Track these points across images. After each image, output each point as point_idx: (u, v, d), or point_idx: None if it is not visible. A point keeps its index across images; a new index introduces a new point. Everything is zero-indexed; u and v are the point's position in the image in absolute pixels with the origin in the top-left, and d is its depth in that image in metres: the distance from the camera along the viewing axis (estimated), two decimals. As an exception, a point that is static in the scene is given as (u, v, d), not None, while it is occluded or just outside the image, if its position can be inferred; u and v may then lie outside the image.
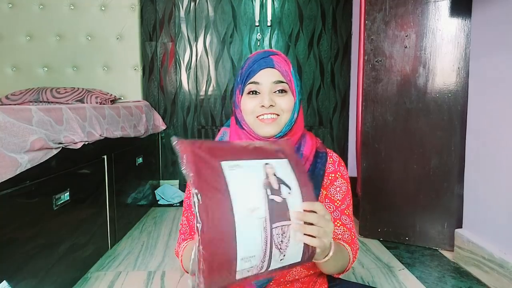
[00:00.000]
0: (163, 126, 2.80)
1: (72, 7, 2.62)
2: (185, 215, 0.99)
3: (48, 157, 1.24)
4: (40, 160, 1.19)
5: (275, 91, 0.88)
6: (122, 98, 2.70)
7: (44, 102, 2.31)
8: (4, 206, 1.06)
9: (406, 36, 1.82)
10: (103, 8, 2.63)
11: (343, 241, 0.92)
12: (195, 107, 2.89)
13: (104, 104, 2.18)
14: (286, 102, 0.88)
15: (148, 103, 2.66)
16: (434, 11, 1.75)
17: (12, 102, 2.30)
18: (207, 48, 2.84)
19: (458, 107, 1.73)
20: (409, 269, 1.62)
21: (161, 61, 2.84)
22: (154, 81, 2.85)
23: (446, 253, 1.78)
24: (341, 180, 0.96)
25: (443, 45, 1.75)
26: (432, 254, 1.78)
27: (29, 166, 1.12)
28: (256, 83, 0.88)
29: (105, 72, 2.68)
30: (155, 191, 2.70)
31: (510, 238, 1.40)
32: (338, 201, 0.95)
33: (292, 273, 0.95)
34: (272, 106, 0.87)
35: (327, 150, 0.98)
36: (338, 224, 0.94)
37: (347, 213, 0.96)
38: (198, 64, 2.85)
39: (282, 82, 0.88)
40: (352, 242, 0.94)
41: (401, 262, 1.69)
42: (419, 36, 1.79)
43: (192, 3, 2.80)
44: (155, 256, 1.77)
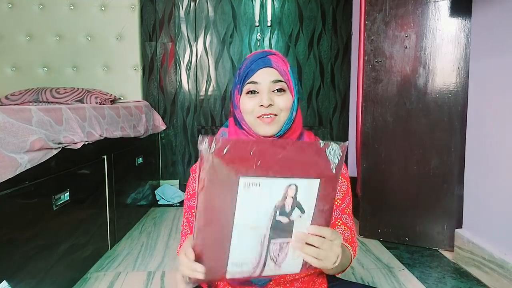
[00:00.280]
0: (163, 126, 2.80)
1: (72, 7, 2.62)
2: (186, 217, 0.98)
3: (48, 157, 1.23)
4: (40, 160, 1.18)
5: (274, 90, 0.88)
6: (122, 98, 2.70)
7: (44, 102, 2.31)
8: (4, 206, 1.05)
9: (406, 37, 1.82)
10: (103, 8, 2.62)
11: (345, 241, 0.93)
12: (195, 107, 2.89)
13: (104, 104, 2.18)
14: (285, 101, 0.88)
15: (148, 103, 2.66)
16: (434, 12, 1.75)
17: (12, 102, 2.30)
18: (207, 48, 2.84)
19: (458, 108, 1.73)
20: (409, 270, 1.62)
21: (161, 61, 2.84)
22: (154, 81, 2.85)
23: (446, 254, 1.78)
24: (341, 179, 0.96)
25: (443, 45, 1.75)
26: (432, 255, 1.78)
27: (29, 166, 1.12)
28: (255, 83, 0.88)
29: (105, 72, 2.68)
30: (155, 191, 2.70)
31: (510, 239, 1.40)
32: (339, 200, 0.95)
33: (292, 274, 0.95)
34: (271, 106, 0.87)
35: None
36: (339, 223, 0.95)
37: (347, 212, 0.96)
38: (198, 64, 2.85)
39: (281, 81, 0.88)
40: (352, 241, 0.95)
41: (401, 263, 1.69)
42: (419, 37, 1.79)
43: (192, 3, 2.80)
44: (155, 257, 1.77)
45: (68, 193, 1.40)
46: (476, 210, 1.61)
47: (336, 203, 0.95)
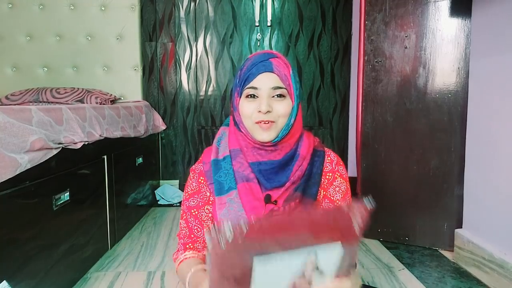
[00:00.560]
0: (163, 126, 2.80)
1: (72, 7, 2.62)
2: (184, 218, 0.97)
3: (48, 157, 1.24)
4: (40, 160, 1.19)
5: (273, 96, 0.88)
6: (122, 98, 2.70)
7: (44, 102, 2.31)
8: (4, 206, 1.05)
9: (406, 37, 1.82)
10: (103, 8, 2.62)
11: None
12: (195, 108, 2.89)
13: (104, 104, 2.18)
14: (284, 107, 0.88)
15: (148, 103, 2.66)
16: (434, 12, 1.75)
17: (12, 102, 2.30)
18: (207, 48, 2.84)
19: (458, 108, 1.73)
20: (409, 269, 1.62)
21: (161, 61, 2.84)
22: (154, 81, 2.85)
23: (446, 253, 1.78)
24: (340, 180, 0.96)
25: (443, 45, 1.75)
26: (432, 254, 1.78)
27: (29, 166, 1.12)
28: (254, 88, 0.87)
29: (105, 72, 2.68)
30: (155, 191, 2.70)
31: (510, 239, 1.40)
32: (338, 201, 0.95)
33: None
34: (270, 112, 0.86)
35: (325, 149, 0.98)
36: None
37: None
38: (198, 64, 2.85)
39: (281, 88, 0.87)
40: None
41: (401, 262, 1.69)
42: (419, 37, 1.79)
43: (192, 3, 2.80)
44: (155, 257, 1.77)
45: (68, 193, 1.40)
46: (476, 210, 1.61)
47: (336, 204, 0.95)
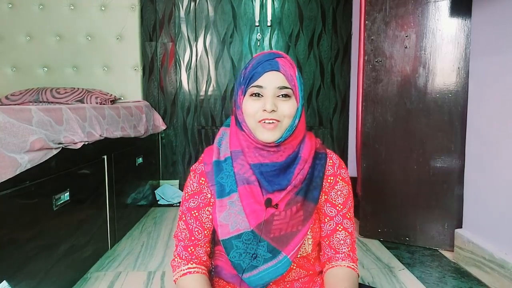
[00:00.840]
0: (163, 126, 2.80)
1: (72, 7, 2.62)
2: (184, 219, 0.96)
3: (48, 157, 1.23)
4: (40, 160, 1.18)
5: (278, 95, 0.86)
6: (122, 98, 2.70)
7: (44, 102, 2.31)
8: (4, 206, 1.05)
9: (406, 37, 1.82)
10: (103, 8, 2.62)
11: (346, 248, 0.94)
12: (195, 107, 2.89)
13: (104, 104, 2.18)
14: (289, 108, 0.86)
15: (148, 103, 2.66)
16: (434, 11, 1.75)
17: (12, 102, 2.30)
18: (207, 48, 2.84)
19: (458, 108, 1.73)
20: (410, 270, 1.62)
21: (161, 61, 2.84)
22: (154, 81, 2.85)
23: (447, 253, 1.77)
24: (342, 183, 0.95)
25: (443, 45, 1.75)
26: (433, 254, 1.78)
27: (29, 166, 1.12)
28: (260, 87, 0.86)
29: (105, 72, 2.68)
30: (155, 191, 2.70)
31: (511, 238, 1.40)
32: (340, 205, 0.95)
33: (291, 275, 0.94)
34: (274, 111, 0.85)
35: (327, 151, 0.97)
36: (340, 229, 0.94)
37: (349, 217, 0.96)
38: (198, 64, 2.85)
39: (286, 88, 0.86)
40: (352, 248, 0.96)
41: (402, 263, 1.69)
42: (419, 36, 1.79)
43: (192, 3, 2.80)
44: (155, 256, 1.77)
45: (68, 193, 1.40)
46: (476, 210, 1.61)
47: (338, 208, 0.95)
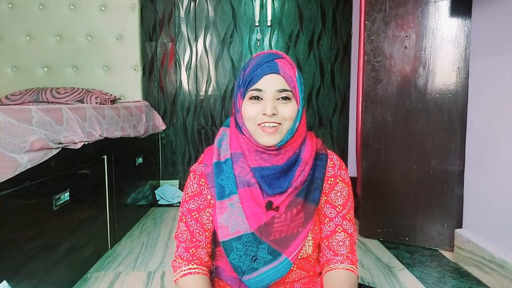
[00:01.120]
0: (163, 126, 2.80)
1: (72, 7, 2.62)
2: (184, 221, 0.93)
3: (48, 157, 1.23)
4: (40, 160, 1.18)
5: (278, 98, 0.85)
6: (122, 98, 2.70)
7: (44, 102, 2.31)
8: (4, 206, 1.05)
9: (406, 37, 1.82)
10: (103, 8, 2.62)
11: (345, 249, 0.94)
12: (195, 108, 2.89)
13: (104, 104, 2.18)
14: (289, 110, 0.85)
15: (148, 103, 2.66)
16: (434, 11, 1.75)
17: (12, 102, 2.30)
18: (207, 48, 2.84)
19: (458, 108, 1.73)
20: (409, 270, 1.62)
21: (161, 61, 2.84)
22: (154, 81, 2.85)
23: (446, 253, 1.77)
24: (342, 185, 0.95)
25: (443, 45, 1.75)
26: (432, 255, 1.78)
27: (29, 166, 1.12)
28: (259, 90, 0.84)
29: (105, 72, 2.68)
30: (155, 191, 2.70)
31: (511, 238, 1.40)
32: (340, 206, 0.94)
33: (292, 276, 0.94)
34: (275, 115, 0.83)
35: (328, 152, 0.96)
36: (339, 230, 0.94)
37: (349, 218, 0.95)
38: (198, 64, 2.85)
39: (286, 90, 0.85)
40: (352, 250, 0.95)
41: (401, 263, 1.69)
42: (419, 37, 1.79)
43: (192, 3, 2.80)
44: (155, 256, 1.77)
45: (68, 193, 1.40)
46: (476, 210, 1.61)
47: (337, 209, 0.94)
